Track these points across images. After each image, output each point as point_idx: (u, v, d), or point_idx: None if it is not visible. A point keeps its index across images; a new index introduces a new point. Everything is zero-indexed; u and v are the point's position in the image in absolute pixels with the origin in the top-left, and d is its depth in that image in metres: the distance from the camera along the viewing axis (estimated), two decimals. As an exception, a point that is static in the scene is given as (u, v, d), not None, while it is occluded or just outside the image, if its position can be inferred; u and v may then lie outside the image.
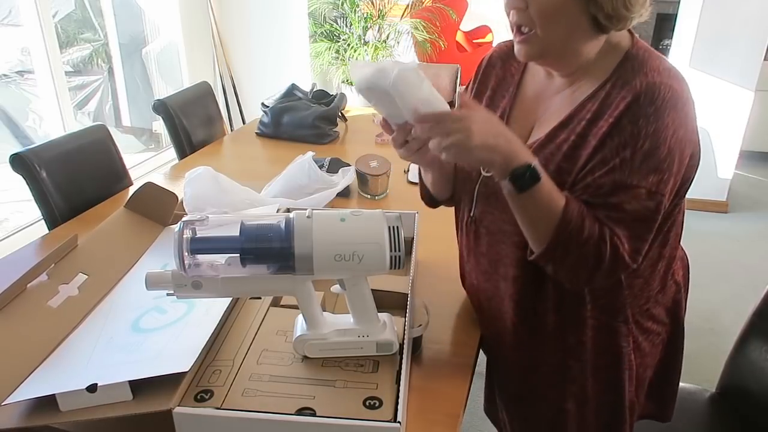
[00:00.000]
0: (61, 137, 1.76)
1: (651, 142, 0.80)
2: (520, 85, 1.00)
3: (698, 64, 3.20)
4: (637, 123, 0.80)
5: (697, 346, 2.27)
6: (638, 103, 0.81)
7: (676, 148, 0.81)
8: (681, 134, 0.81)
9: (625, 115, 0.81)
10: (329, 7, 4.17)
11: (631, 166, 0.81)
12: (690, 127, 0.83)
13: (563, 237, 0.82)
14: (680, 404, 1.12)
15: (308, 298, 0.83)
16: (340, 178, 1.69)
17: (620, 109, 0.82)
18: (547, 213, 0.82)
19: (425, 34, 4.14)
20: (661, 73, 0.83)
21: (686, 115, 0.82)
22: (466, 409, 0.92)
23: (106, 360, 0.82)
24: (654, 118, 0.80)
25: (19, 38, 2.77)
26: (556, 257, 0.85)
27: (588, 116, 0.86)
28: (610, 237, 0.82)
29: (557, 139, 0.88)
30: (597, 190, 0.83)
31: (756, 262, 2.96)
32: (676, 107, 0.80)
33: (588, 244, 0.82)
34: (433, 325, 1.07)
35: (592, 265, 0.83)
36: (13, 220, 2.81)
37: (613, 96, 0.84)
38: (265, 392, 0.78)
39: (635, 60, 0.86)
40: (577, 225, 0.82)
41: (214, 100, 2.49)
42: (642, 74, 0.83)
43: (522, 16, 0.84)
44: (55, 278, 0.95)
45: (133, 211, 1.18)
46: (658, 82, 0.81)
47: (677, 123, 0.81)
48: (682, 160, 0.84)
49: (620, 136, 0.81)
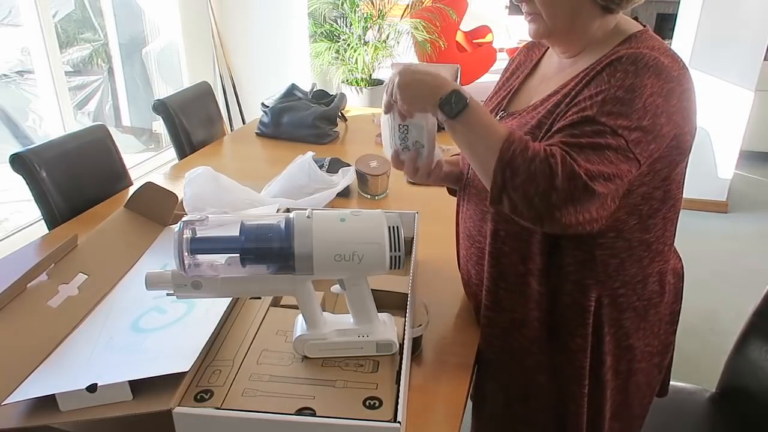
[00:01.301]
0: (61, 137, 1.76)
1: (625, 92, 0.80)
2: (536, 67, 1.07)
3: (698, 64, 3.20)
4: (615, 75, 0.82)
5: (697, 346, 2.27)
6: (620, 61, 0.83)
7: (652, 110, 0.80)
8: (660, 103, 0.80)
9: (605, 69, 0.84)
10: (329, 7, 4.17)
11: (600, 106, 0.81)
12: (674, 105, 0.82)
13: (507, 156, 0.80)
14: (680, 404, 1.12)
15: (308, 298, 0.83)
16: (340, 178, 1.69)
17: (601, 67, 0.85)
18: (485, 136, 0.83)
19: (425, 34, 4.15)
20: (653, 49, 0.85)
21: (669, 91, 0.81)
22: (466, 409, 0.92)
23: (106, 360, 0.82)
24: (633, 75, 0.81)
25: (19, 38, 2.77)
26: (505, 182, 0.80)
27: (575, 80, 0.90)
28: (561, 155, 0.78)
29: (545, 102, 0.93)
30: (563, 125, 0.84)
31: (756, 262, 2.96)
32: (659, 76, 0.81)
33: (535, 161, 0.78)
34: (433, 325, 1.07)
35: (544, 183, 0.77)
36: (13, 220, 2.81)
37: (602, 62, 0.87)
38: (265, 392, 0.78)
39: (635, 39, 0.89)
40: (521, 145, 0.80)
41: (214, 100, 2.49)
42: (633, 47, 0.86)
43: (529, 5, 0.92)
44: (55, 278, 0.95)
45: (133, 211, 1.18)
46: (645, 52, 0.83)
47: (657, 90, 0.80)
48: (659, 128, 0.81)
49: (596, 84, 0.83)
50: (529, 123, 0.92)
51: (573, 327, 0.97)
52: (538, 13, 0.91)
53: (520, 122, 0.95)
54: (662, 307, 1.01)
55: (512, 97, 1.06)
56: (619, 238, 0.92)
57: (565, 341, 0.98)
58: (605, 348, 0.97)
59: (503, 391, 1.08)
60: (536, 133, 0.90)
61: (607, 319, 0.96)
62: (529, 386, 1.04)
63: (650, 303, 0.98)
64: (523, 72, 1.08)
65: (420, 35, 4.14)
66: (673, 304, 1.04)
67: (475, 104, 0.85)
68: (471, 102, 0.85)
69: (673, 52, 0.88)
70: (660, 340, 1.04)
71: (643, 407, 1.09)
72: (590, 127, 0.80)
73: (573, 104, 0.86)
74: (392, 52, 4.21)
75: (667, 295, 1.01)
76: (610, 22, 0.92)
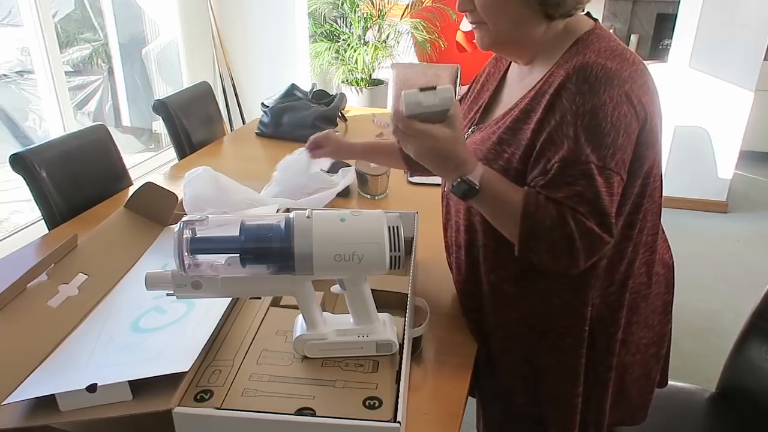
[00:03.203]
0: (61, 137, 1.76)
1: (591, 118, 0.82)
2: (504, 78, 1.08)
3: (698, 64, 3.21)
4: (575, 100, 0.83)
5: (697, 346, 2.27)
6: (572, 81, 0.84)
7: (620, 123, 0.83)
8: (624, 110, 0.83)
9: (562, 93, 0.85)
10: (329, 7, 4.17)
11: (576, 142, 0.83)
12: (632, 103, 0.85)
13: (528, 228, 0.85)
14: (680, 404, 1.12)
15: (308, 298, 0.83)
16: (340, 178, 1.69)
17: (555, 86, 0.86)
18: (503, 211, 0.88)
19: (425, 34, 4.14)
20: (599, 54, 0.86)
21: (626, 92, 0.84)
22: (466, 409, 0.92)
23: (106, 360, 0.82)
24: (590, 95, 0.83)
25: (19, 38, 2.78)
26: (531, 249, 0.87)
27: (531, 94, 0.91)
28: (572, 215, 0.83)
29: (506, 117, 0.95)
30: (550, 170, 0.85)
31: (756, 262, 2.96)
32: (612, 84, 0.83)
33: (554, 229, 0.84)
34: (433, 325, 1.07)
35: (565, 247, 0.84)
36: (13, 220, 2.82)
37: (554, 76, 0.89)
38: (265, 392, 0.78)
39: (582, 43, 0.90)
40: (539, 215, 0.84)
41: (214, 100, 2.49)
42: (580, 55, 0.87)
43: (472, 14, 0.94)
44: (55, 278, 0.95)
45: (133, 211, 1.18)
46: (591, 62, 0.85)
47: (616, 100, 0.83)
48: (629, 135, 0.85)
49: (561, 114, 0.84)
50: (490, 139, 0.95)
51: (564, 327, 0.98)
52: (483, 22, 0.93)
53: (482, 137, 0.97)
54: (652, 299, 1.02)
55: (484, 111, 1.07)
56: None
57: (554, 341, 0.99)
58: (597, 346, 0.98)
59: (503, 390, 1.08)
60: (498, 150, 0.92)
61: (597, 317, 0.97)
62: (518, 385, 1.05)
63: (639, 295, 0.99)
64: (492, 84, 1.09)
65: (420, 35, 4.14)
66: (665, 295, 1.05)
67: (486, 184, 0.87)
68: (482, 184, 0.87)
69: (620, 50, 0.89)
70: (654, 331, 1.04)
71: (643, 397, 1.09)
72: (577, 170, 0.83)
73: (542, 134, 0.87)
74: (392, 52, 4.21)
75: (656, 286, 1.02)
76: (558, 25, 0.93)
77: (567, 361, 0.99)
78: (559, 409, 1.01)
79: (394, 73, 3.02)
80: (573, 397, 1.00)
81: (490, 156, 0.93)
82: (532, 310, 0.99)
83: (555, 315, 0.98)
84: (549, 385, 1.02)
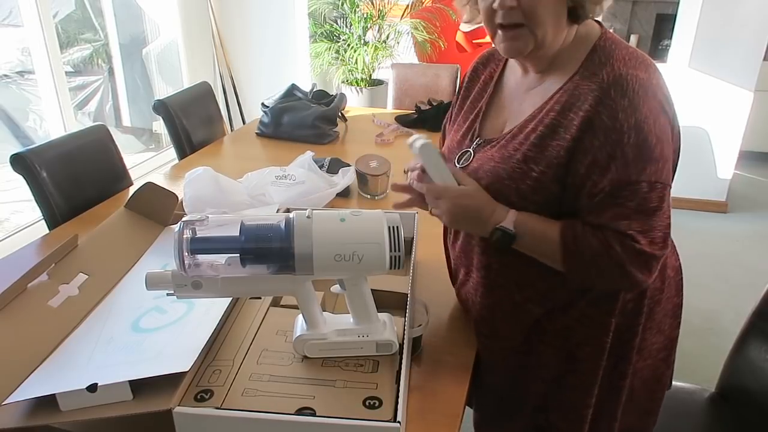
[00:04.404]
0: (62, 137, 1.76)
1: (636, 134, 0.81)
2: (498, 85, 1.04)
3: (698, 64, 3.21)
4: (617, 117, 0.81)
5: (697, 346, 2.27)
6: (610, 97, 0.82)
7: (663, 134, 0.83)
8: (662, 121, 0.83)
9: (601, 110, 0.82)
10: (329, 8, 4.17)
11: (624, 163, 0.81)
12: (665, 112, 0.85)
13: (574, 264, 0.86)
14: (680, 404, 1.12)
15: (308, 298, 0.83)
16: (340, 178, 1.69)
17: (590, 102, 0.83)
18: (543, 250, 0.88)
19: (425, 34, 4.14)
20: (627, 63, 0.84)
21: (660, 102, 0.83)
22: (465, 408, 0.92)
23: (106, 360, 0.82)
24: (631, 110, 0.81)
25: (19, 38, 2.78)
26: (583, 281, 0.89)
27: (557, 107, 0.88)
28: (618, 241, 0.82)
29: (526, 129, 0.91)
30: (598, 194, 0.83)
31: (755, 262, 2.96)
32: (648, 95, 0.82)
33: (598, 258, 0.84)
34: (433, 325, 1.07)
35: (616, 272, 0.84)
36: (13, 220, 2.82)
37: (581, 88, 0.86)
38: (265, 392, 0.78)
39: (602, 51, 0.88)
40: (580, 248, 0.84)
41: (214, 100, 2.49)
42: (608, 66, 0.85)
43: (512, 14, 0.86)
44: (55, 278, 0.95)
45: (133, 211, 1.18)
46: (624, 73, 0.83)
47: (655, 111, 0.82)
48: (671, 145, 0.86)
49: (604, 134, 0.82)
50: (513, 156, 0.90)
51: (582, 338, 0.97)
52: (522, 25, 0.86)
53: (502, 155, 0.92)
54: (664, 303, 1.01)
55: (483, 119, 1.02)
56: None
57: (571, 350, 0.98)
58: (614, 354, 0.97)
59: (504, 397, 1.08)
60: (524, 169, 0.88)
61: (616, 326, 0.96)
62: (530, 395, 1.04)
63: (653, 300, 0.98)
64: (487, 91, 1.04)
65: (420, 35, 4.13)
66: (675, 298, 1.05)
67: (521, 229, 0.87)
68: (517, 229, 0.86)
69: (639, 54, 0.88)
70: (665, 335, 1.04)
71: (654, 402, 1.09)
72: (628, 191, 0.82)
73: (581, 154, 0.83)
74: (392, 53, 4.21)
75: (668, 290, 1.01)
76: (572, 30, 0.90)
77: (584, 371, 0.98)
78: (570, 419, 1.01)
79: (394, 74, 3.02)
80: (585, 408, 0.99)
81: (516, 175, 0.89)
82: (552, 326, 0.98)
83: (574, 327, 0.96)
84: (561, 394, 1.00)
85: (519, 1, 0.84)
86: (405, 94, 2.95)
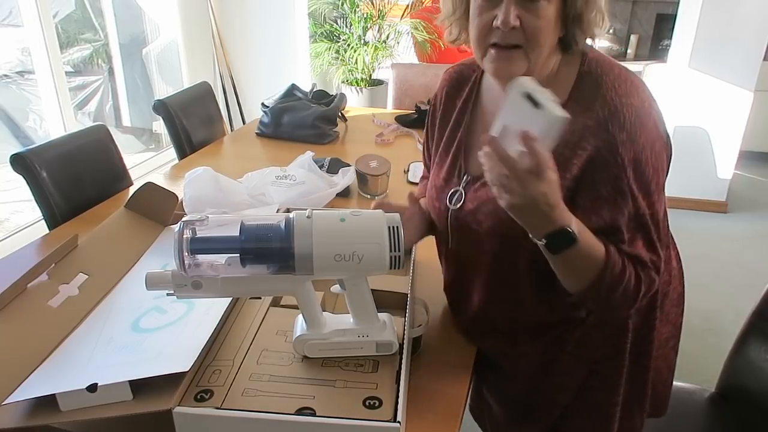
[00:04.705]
0: (62, 137, 1.76)
1: (635, 168, 0.81)
2: (476, 110, 1.00)
3: (698, 64, 3.20)
4: (618, 153, 0.81)
5: (697, 346, 2.27)
6: (608, 131, 0.81)
7: (658, 163, 0.84)
8: (658, 147, 0.83)
9: (601, 148, 0.81)
10: (329, 8, 4.17)
11: (623, 198, 0.82)
12: (660, 134, 0.85)
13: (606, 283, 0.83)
14: (680, 404, 1.12)
15: (308, 298, 0.83)
16: (340, 178, 1.69)
17: (589, 140, 0.82)
18: (584, 268, 0.82)
19: (425, 34, 4.14)
20: (618, 91, 0.83)
21: (655, 123, 0.84)
22: (465, 408, 0.92)
23: (106, 360, 0.82)
24: (630, 144, 0.81)
25: (19, 38, 2.78)
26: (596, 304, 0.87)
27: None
28: (644, 271, 0.84)
29: None
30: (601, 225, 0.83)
31: (755, 262, 2.96)
32: (644, 124, 0.82)
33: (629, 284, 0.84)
34: (433, 325, 1.07)
35: (631, 301, 0.86)
36: (14, 220, 2.82)
37: (577, 123, 0.82)
38: (265, 392, 0.78)
39: (590, 78, 0.86)
40: (620, 272, 0.83)
41: (214, 100, 2.49)
42: (600, 97, 0.83)
43: (513, 34, 0.82)
44: (55, 278, 0.95)
45: (133, 211, 1.18)
46: (619, 105, 0.82)
47: (651, 139, 0.82)
48: (664, 168, 0.86)
49: (606, 170, 0.82)
50: None
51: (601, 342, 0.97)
52: (520, 47, 0.83)
53: None
54: (671, 293, 1.03)
55: (467, 152, 0.98)
56: None
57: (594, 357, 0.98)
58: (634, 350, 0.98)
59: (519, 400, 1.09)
60: None
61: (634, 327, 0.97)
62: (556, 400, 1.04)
63: (663, 294, 1.00)
64: (465, 118, 1.00)
65: (420, 35, 4.13)
66: (679, 287, 1.06)
67: (581, 239, 0.78)
68: (579, 238, 0.78)
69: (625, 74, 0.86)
70: (672, 324, 1.06)
71: (666, 388, 1.10)
72: (635, 224, 0.83)
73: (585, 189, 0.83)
74: (392, 53, 4.21)
75: (674, 281, 1.03)
76: (558, 58, 0.89)
77: (607, 373, 0.98)
78: (596, 418, 1.01)
79: (394, 74, 3.02)
80: (612, 407, 1.00)
81: None
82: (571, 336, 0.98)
83: (592, 333, 0.97)
84: (586, 396, 1.01)
85: (522, 21, 0.81)
86: (405, 94, 2.95)
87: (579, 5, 0.82)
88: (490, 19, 0.83)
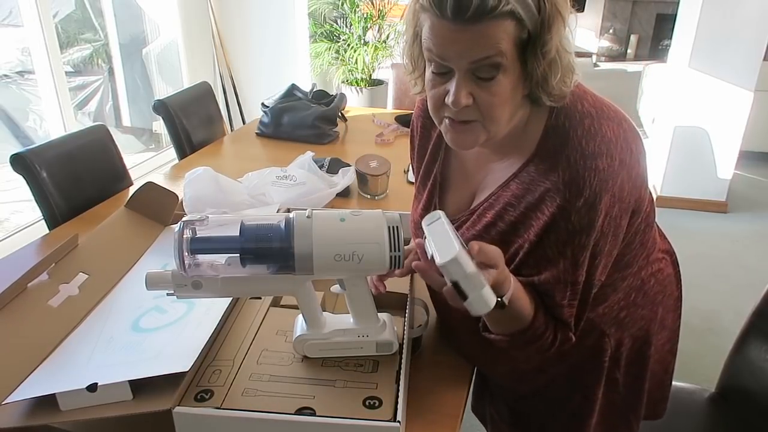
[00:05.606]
0: (62, 137, 1.76)
1: (586, 235, 0.78)
2: (448, 148, 0.96)
3: (698, 64, 3.21)
4: (570, 219, 0.77)
5: (697, 346, 2.27)
6: (565, 199, 0.77)
7: (611, 228, 0.80)
8: (615, 211, 0.79)
9: (557, 215, 0.78)
10: (329, 8, 4.18)
11: (566, 263, 0.81)
12: (624, 195, 0.79)
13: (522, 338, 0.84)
14: (679, 404, 1.12)
15: (308, 298, 0.83)
16: (340, 178, 1.69)
17: (547, 206, 0.79)
18: (508, 324, 0.84)
19: (425, 35, 4.14)
20: (584, 151, 0.77)
21: (620, 187, 0.78)
22: (465, 408, 0.92)
23: (106, 360, 0.82)
24: (586, 212, 0.77)
25: (19, 38, 2.78)
26: (514, 344, 0.86)
27: (514, 202, 0.83)
28: (562, 331, 0.86)
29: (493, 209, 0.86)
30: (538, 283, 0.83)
31: (755, 262, 2.96)
32: (606, 189, 0.77)
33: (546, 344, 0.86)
34: (433, 325, 1.07)
35: (544, 354, 0.88)
36: (14, 220, 2.82)
37: (537, 184, 0.80)
38: (265, 392, 0.79)
39: (557, 132, 0.80)
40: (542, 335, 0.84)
41: (214, 100, 2.49)
42: (564, 158, 0.78)
43: (467, 112, 0.78)
44: (55, 278, 0.95)
45: (134, 211, 1.18)
46: (581, 169, 0.76)
47: (610, 204, 0.78)
48: (619, 226, 0.81)
49: (555, 234, 0.79)
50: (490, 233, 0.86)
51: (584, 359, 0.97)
52: (477, 121, 0.79)
53: (475, 237, 0.87)
54: (665, 300, 1.02)
55: (442, 191, 0.97)
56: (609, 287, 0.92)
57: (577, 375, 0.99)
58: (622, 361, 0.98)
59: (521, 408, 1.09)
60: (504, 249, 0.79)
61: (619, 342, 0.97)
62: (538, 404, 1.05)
63: (654, 302, 0.99)
64: (440, 154, 0.97)
65: (420, 35, 4.13)
66: (675, 292, 1.06)
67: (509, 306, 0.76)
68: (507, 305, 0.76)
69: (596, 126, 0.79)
70: (669, 329, 1.05)
71: (663, 392, 1.10)
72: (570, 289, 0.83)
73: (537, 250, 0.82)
74: (392, 52, 4.21)
75: (669, 287, 1.02)
76: (527, 109, 0.83)
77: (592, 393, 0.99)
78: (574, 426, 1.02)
79: (394, 73, 3.02)
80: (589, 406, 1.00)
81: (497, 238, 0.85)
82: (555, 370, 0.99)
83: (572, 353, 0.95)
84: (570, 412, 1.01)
85: (475, 98, 0.76)
86: (405, 94, 2.95)
87: (542, 70, 0.75)
88: (443, 93, 0.78)
